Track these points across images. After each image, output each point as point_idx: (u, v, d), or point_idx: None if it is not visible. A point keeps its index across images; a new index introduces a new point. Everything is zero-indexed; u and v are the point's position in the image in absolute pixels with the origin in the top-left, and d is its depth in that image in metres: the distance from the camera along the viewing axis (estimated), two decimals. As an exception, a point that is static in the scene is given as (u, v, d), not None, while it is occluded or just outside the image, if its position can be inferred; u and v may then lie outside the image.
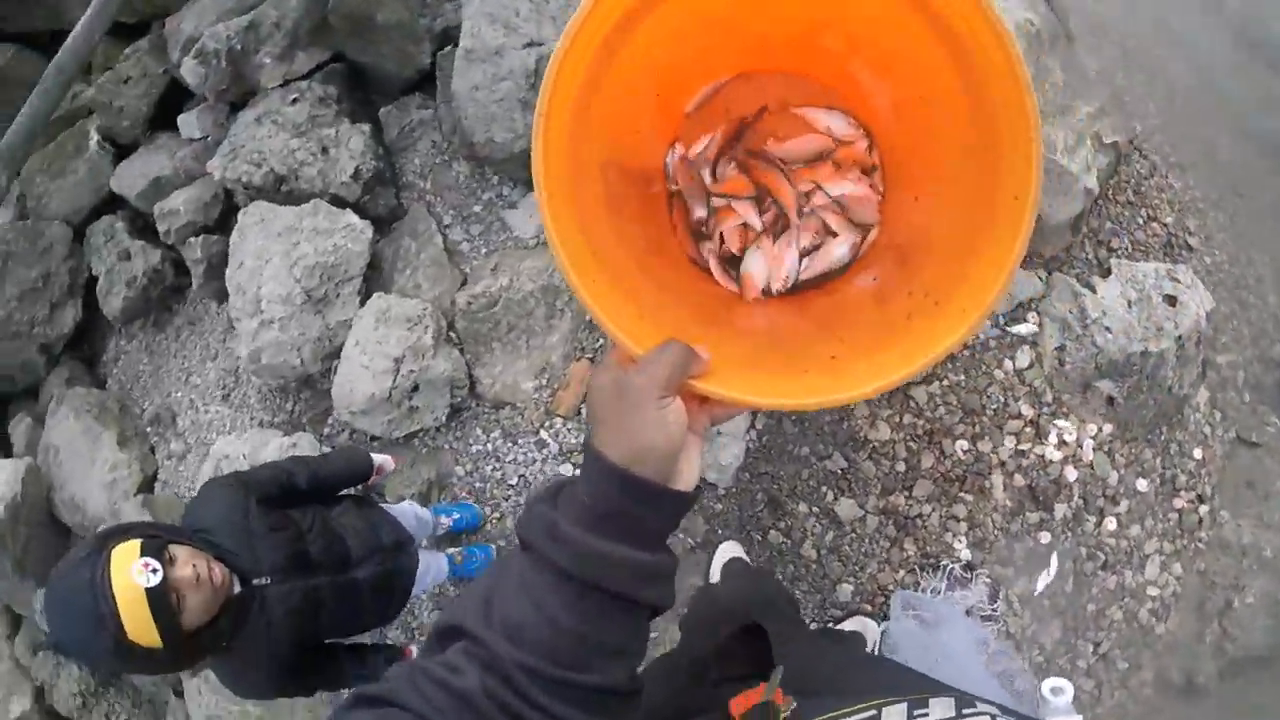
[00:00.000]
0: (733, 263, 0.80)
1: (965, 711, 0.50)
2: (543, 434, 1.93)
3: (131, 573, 1.04)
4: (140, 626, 1.04)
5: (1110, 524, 1.97)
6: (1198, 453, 2.10)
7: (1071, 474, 1.97)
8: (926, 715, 0.51)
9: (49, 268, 2.34)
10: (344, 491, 1.58)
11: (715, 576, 1.82)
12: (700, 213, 0.80)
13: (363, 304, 1.95)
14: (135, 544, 1.08)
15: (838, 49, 0.71)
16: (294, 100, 2.06)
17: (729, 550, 1.84)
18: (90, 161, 2.31)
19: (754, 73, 0.77)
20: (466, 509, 2.02)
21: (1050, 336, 2.02)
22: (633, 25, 0.59)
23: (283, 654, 1.26)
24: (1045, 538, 1.94)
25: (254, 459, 1.94)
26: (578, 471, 0.50)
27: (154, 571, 1.05)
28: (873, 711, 0.53)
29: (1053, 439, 1.97)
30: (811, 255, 0.78)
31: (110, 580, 1.03)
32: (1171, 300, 2.06)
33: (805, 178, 0.78)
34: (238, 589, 1.20)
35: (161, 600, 1.05)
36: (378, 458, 1.62)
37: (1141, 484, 2.01)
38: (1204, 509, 2.06)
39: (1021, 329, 1.99)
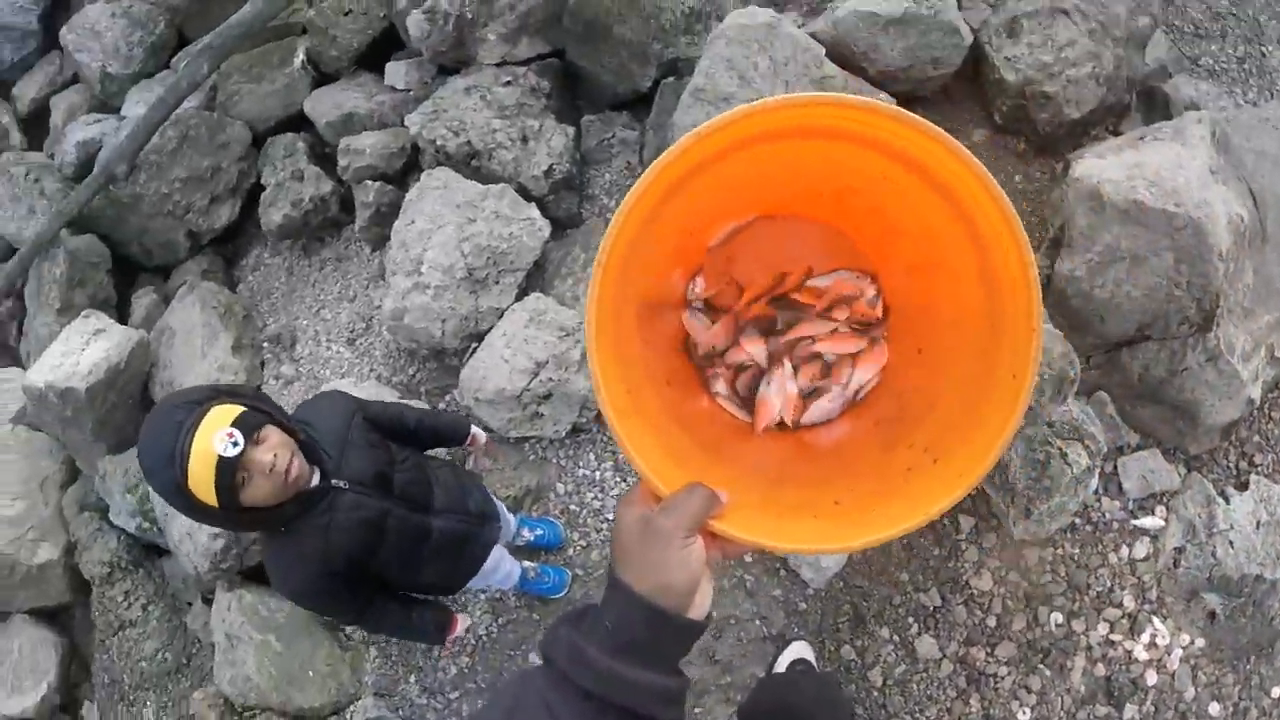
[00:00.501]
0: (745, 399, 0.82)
1: None
2: (653, 478, 1.92)
3: (214, 436, 1.06)
4: (201, 486, 1.07)
5: (1175, 740, 1.91)
6: (1275, 691, 2.03)
7: (1152, 678, 1.91)
8: None
9: (220, 162, 2.39)
10: (445, 455, 1.57)
11: (780, 670, 1.80)
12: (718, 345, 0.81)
13: (518, 299, 1.97)
14: (234, 411, 1.10)
15: (861, 209, 0.75)
16: (507, 82, 2.08)
17: (799, 650, 1.82)
18: (290, 77, 2.36)
19: (777, 214, 0.80)
20: (551, 527, 2.02)
21: (1173, 535, 1.96)
22: (676, 191, 0.63)
23: (333, 560, 1.25)
24: (1109, 735, 1.89)
25: (366, 411, 1.97)
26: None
27: (234, 444, 1.07)
28: None
29: (1145, 638, 1.92)
30: (811, 398, 0.79)
31: (194, 433, 1.06)
32: (1299, 532, 2.00)
33: (806, 333, 0.80)
34: (316, 482, 1.22)
35: (227, 472, 1.07)
36: (475, 429, 1.62)
37: (1214, 708, 1.95)
38: (1268, 752, 1.99)
39: (1147, 522, 1.95)
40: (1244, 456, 2.11)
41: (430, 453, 1.53)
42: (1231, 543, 1.96)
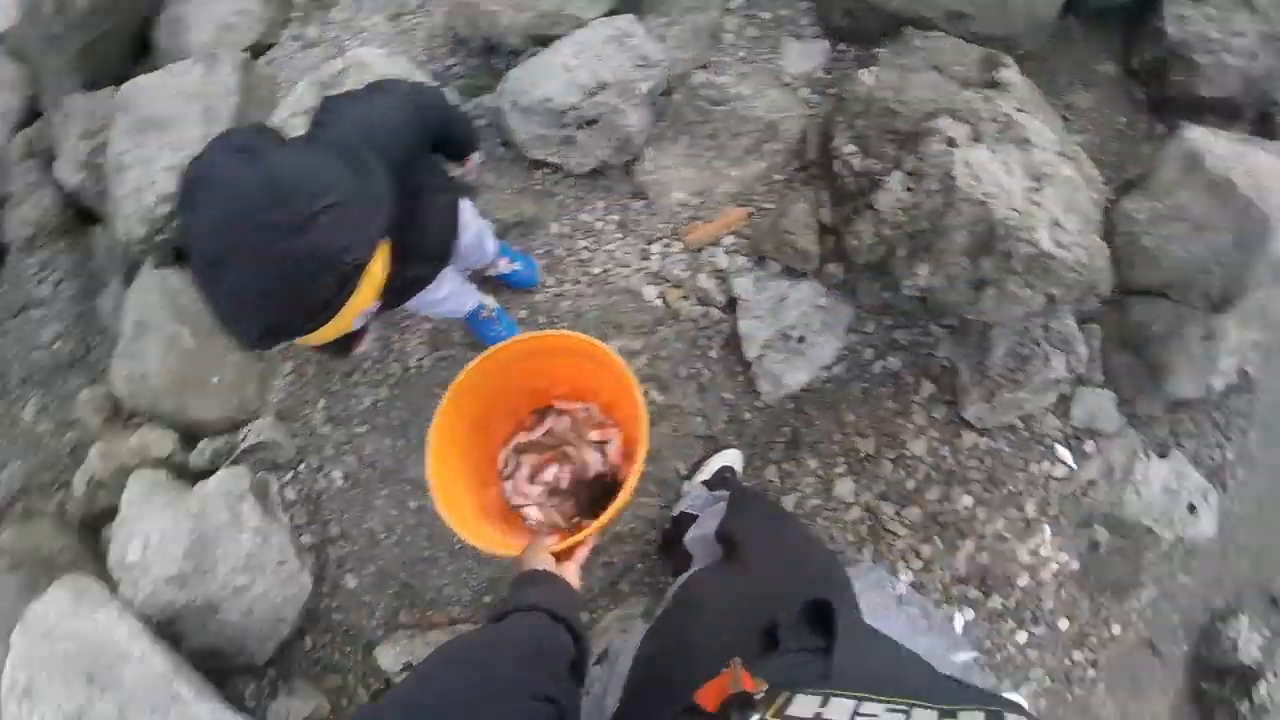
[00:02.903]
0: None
1: None
2: (654, 248, 1.86)
3: (359, 312, 1.07)
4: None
5: (1020, 637, 2.12)
6: (1116, 628, 2.25)
7: (1023, 580, 2.09)
8: None
9: None
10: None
11: (704, 475, 1.84)
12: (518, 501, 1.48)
13: (608, 14, 1.82)
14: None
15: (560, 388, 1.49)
16: None
17: (730, 458, 1.86)
18: None
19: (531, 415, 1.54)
20: (530, 265, 1.93)
21: (1092, 469, 2.11)
22: (454, 410, 1.32)
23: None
24: (969, 614, 2.08)
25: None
26: None
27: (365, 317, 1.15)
28: (904, 710, 0.53)
29: (1031, 543, 2.09)
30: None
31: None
32: (1192, 509, 2.19)
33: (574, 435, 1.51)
34: None
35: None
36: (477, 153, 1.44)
37: (1063, 623, 2.16)
38: (1090, 673, 2.24)
39: (1079, 449, 2.06)
40: (1174, 434, 2.24)
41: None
42: (1138, 492, 2.12)
